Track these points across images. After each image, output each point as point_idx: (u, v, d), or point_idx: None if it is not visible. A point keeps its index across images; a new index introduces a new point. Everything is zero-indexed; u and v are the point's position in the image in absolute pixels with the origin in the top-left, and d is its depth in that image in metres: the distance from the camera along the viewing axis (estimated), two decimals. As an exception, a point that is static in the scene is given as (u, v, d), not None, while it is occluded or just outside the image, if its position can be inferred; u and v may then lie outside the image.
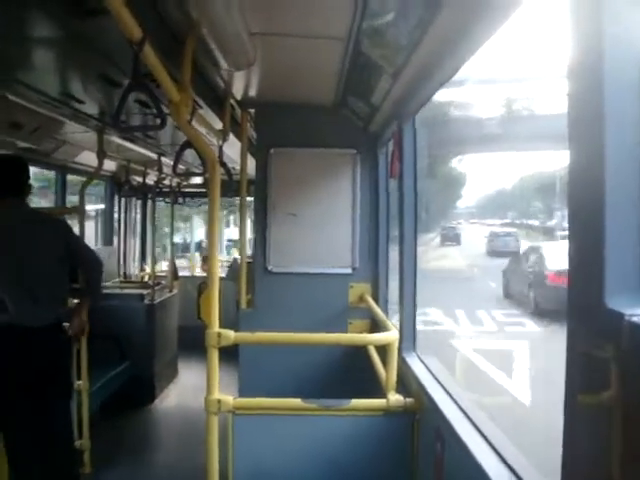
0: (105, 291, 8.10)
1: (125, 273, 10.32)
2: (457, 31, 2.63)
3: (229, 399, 3.50)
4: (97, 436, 5.49)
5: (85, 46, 3.37)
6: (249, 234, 7.79)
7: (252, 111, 5.70)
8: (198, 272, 13.21)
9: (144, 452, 6.14)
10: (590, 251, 1.50)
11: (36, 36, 3.27)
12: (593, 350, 1.47)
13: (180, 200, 10.94)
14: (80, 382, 5.36)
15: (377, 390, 3.92)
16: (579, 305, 1.58)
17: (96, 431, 5.51)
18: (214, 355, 3.47)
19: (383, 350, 3.87)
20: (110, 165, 8.45)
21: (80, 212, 5.69)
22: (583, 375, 1.56)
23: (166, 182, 9.71)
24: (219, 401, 3.46)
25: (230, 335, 3.47)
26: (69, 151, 6.93)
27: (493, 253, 26.53)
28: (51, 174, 8.38)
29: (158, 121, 3.18)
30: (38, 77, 4.18)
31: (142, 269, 10.90)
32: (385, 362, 3.82)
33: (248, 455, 3.61)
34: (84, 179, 6.63)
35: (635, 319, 1.35)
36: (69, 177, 7.94)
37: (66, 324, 4.75)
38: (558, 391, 1.69)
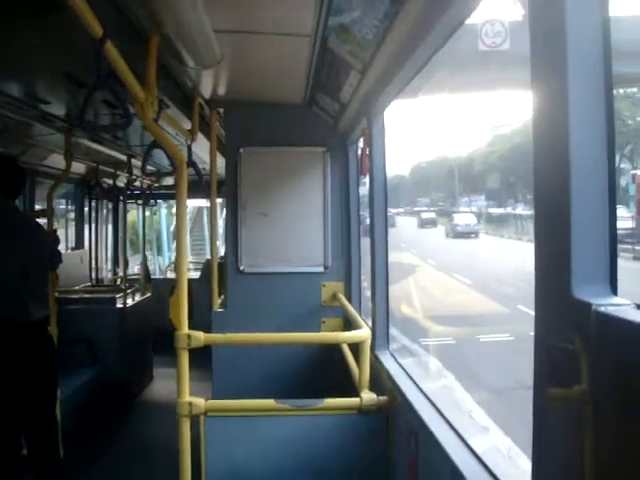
0: (76, 295, 8.07)
1: (97, 277, 10.23)
2: (423, 24, 2.61)
3: (200, 401, 3.47)
4: (69, 443, 5.42)
5: (48, 44, 3.31)
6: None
7: (221, 110, 5.66)
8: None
9: (117, 458, 6.06)
10: (556, 241, 1.48)
11: None
12: (561, 342, 1.46)
13: (152, 202, 10.87)
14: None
15: (351, 389, 3.90)
16: (546, 296, 1.56)
17: (68, 438, 5.43)
18: (184, 357, 3.43)
19: (357, 348, 3.85)
20: (80, 167, 8.35)
21: (49, 215, 5.61)
22: (551, 368, 1.54)
23: (137, 184, 9.62)
24: (190, 404, 3.43)
25: (200, 336, 3.44)
26: (37, 154, 6.84)
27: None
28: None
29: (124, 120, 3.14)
30: (1, 78, 4.11)
31: (115, 272, 10.82)
32: (358, 360, 3.80)
33: (221, 457, 3.58)
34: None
35: (602, 309, 1.33)
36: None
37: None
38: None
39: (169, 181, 10.54)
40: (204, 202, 16.77)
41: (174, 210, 21.48)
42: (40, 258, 4.80)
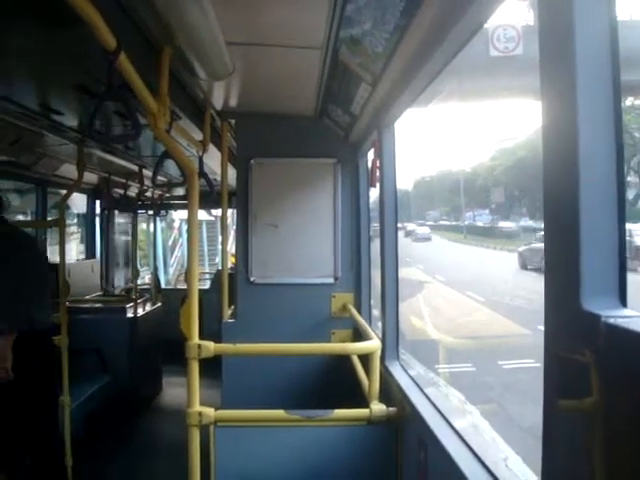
0: (87, 305, 8.10)
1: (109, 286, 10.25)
2: (434, 37, 2.63)
3: (210, 411, 3.47)
4: (80, 452, 5.43)
5: (61, 56, 3.34)
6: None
7: (232, 121, 5.68)
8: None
9: (127, 467, 6.07)
10: (566, 253, 1.49)
11: (11, 47, 3.24)
12: (571, 354, 1.46)
13: (162, 212, 10.90)
14: (62, 397, 5.31)
15: (361, 400, 3.90)
16: (555, 307, 1.56)
17: (78, 446, 5.44)
18: (194, 367, 3.44)
19: (366, 359, 3.85)
20: (91, 178, 8.40)
21: (61, 225, 5.64)
22: (562, 380, 1.54)
23: (148, 194, 9.66)
24: (200, 413, 3.43)
25: (210, 347, 3.44)
26: (49, 164, 6.88)
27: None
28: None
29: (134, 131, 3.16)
30: (15, 89, 4.14)
31: (125, 282, 10.85)
32: (368, 371, 3.80)
33: (231, 467, 3.57)
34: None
35: (612, 321, 1.34)
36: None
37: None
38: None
39: (179, 192, 10.58)
40: (204, 215, 16.65)
41: (176, 224, 21.50)
42: (45, 270, 4.81)
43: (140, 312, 7.96)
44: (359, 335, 4.90)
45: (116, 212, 10.49)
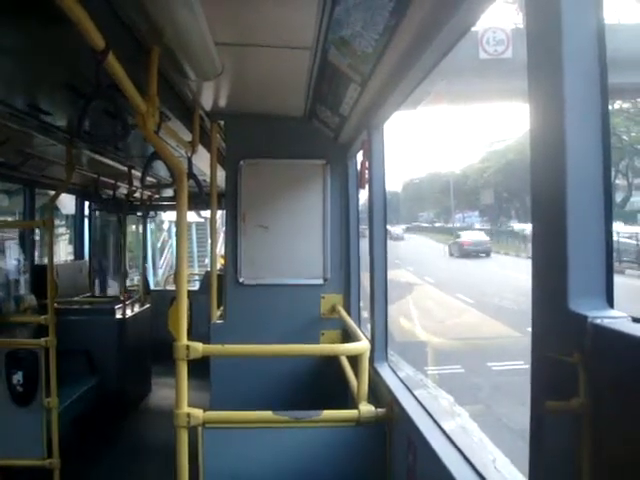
0: (76, 306, 8.06)
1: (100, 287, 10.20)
2: (422, 38, 2.64)
3: (199, 412, 3.46)
4: (68, 454, 5.40)
5: (49, 56, 3.33)
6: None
7: (222, 122, 5.67)
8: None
9: (115, 469, 6.04)
10: (553, 254, 1.49)
11: None
12: (559, 355, 1.46)
13: (152, 213, 10.86)
14: (49, 399, 5.28)
15: (350, 401, 3.90)
16: (543, 309, 1.57)
17: (67, 449, 5.42)
18: (183, 368, 3.42)
19: (355, 361, 3.85)
20: (80, 178, 8.36)
21: (49, 226, 5.61)
22: (549, 381, 1.55)
23: (137, 195, 9.63)
24: (188, 415, 3.42)
25: (198, 347, 3.43)
26: (38, 164, 6.85)
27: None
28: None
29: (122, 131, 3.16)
30: (2, 89, 4.12)
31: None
32: (357, 372, 3.80)
33: (219, 468, 3.56)
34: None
35: (599, 322, 1.34)
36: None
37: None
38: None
39: (169, 193, 10.55)
40: (194, 217, 16.63)
41: (165, 225, 21.46)
42: None
43: (129, 313, 7.93)
44: (348, 336, 4.89)
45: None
